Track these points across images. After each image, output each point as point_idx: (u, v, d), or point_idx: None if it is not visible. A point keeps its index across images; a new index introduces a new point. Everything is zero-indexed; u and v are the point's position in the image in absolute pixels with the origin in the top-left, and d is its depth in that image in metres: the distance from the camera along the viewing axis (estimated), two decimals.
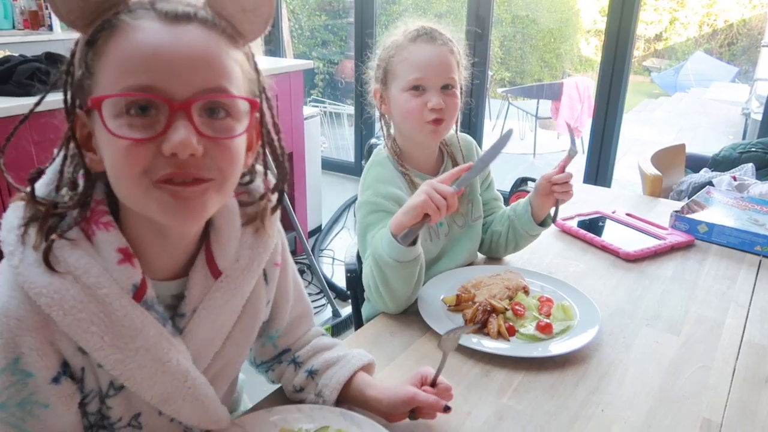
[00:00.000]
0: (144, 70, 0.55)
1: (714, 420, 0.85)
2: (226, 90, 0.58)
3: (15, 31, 3.74)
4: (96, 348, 0.60)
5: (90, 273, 0.60)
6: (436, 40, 1.12)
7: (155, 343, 0.63)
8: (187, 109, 0.56)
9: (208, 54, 0.57)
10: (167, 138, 0.55)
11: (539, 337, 1.01)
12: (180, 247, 0.68)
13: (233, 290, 0.70)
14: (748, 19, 7.79)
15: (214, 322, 0.70)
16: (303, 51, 6.38)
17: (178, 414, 0.68)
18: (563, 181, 1.17)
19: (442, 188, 0.94)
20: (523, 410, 0.86)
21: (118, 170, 0.57)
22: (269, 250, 0.75)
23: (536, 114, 5.50)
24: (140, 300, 0.63)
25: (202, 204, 0.60)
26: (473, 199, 1.27)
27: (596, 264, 1.33)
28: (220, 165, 0.59)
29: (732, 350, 1.02)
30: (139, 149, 0.56)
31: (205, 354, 0.72)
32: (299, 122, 2.94)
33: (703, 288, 1.24)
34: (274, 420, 0.78)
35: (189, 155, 0.56)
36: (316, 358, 0.86)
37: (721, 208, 1.57)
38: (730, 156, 2.52)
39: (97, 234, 0.61)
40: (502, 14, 7.17)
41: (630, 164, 4.66)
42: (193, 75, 0.56)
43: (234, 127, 0.60)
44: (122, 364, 0.62)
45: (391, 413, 0.80)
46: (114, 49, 0.56)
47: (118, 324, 0.61)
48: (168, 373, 0.65)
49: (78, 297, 0.59)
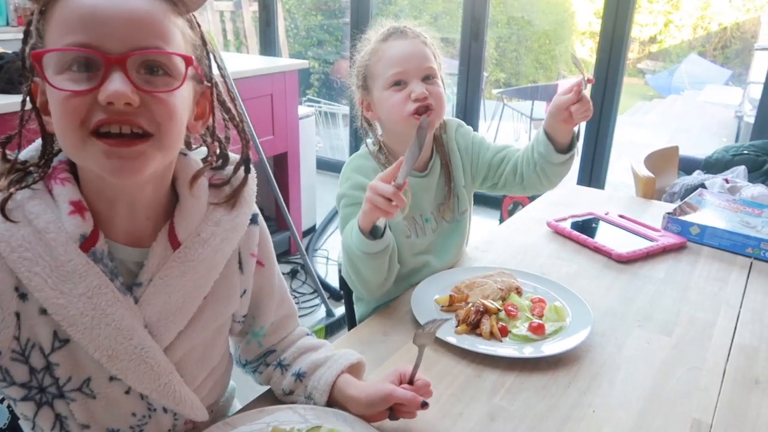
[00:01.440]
0: (82, 28, 0.58)
1: (704, 421, 0.85)
2: (161, 48, 0.61)
3: (9, 27, 3.72)
4: (39, 288, 0.63)
5: (41, 218, 0.64)
6: (408, 35, 1.13)
7: (98, 293, 0.65)
8: (122, 63, 0.59)
9: (145, 14, 0.61)
10: (103, 88, 0.58)
11: (532, 337, 1.01)
12: (136, 209, 0.69)
13: (190, 263, 0.71)
14: (742, 22, 7.84)
15: (170, 294, 0.70)
16: (298, 51, 6.37)
17: (125, 375, 0.68)
18: (582, 106, 1.12)
19: (382, 189, 0.93)
20: (515, 411, 0.86)
21: (60, 122, 0.61)
22: (238, 230, 0.76)
23: (531, 115, 5.51)
24: (87, 251, 0.66)
25: (140, 161, 0.62)
26: (458, 193, 1.28)
27: (589, 265, 1.34)
28: (157, 118, 0.62)
29: (723, 351, 1.02)
30: (77, 99, 0.59)
31: (165, 329, 0.71)
32: (294, 122, 2.94)
33: (695, 289, 1.24)
34: (266, 420, 0.78)
35: (125, 104, 0.59)
36: (303, 360, 0.86)
37: (713, 211, 1.58)
38: (723, 158, 2.54)
39: (55, 188, 0.66)
40: (497, 15, 7.18)
41: (623, 166, 4.67)
42: (129, 33, 0.60)
43: (172, 83, 0.63)
44: (65, 309, 0.64)
45: (369, 412, 0.79)
46: (57, 12, 0.60)
47: (62, 269, 0.64)
48: (111, 326, 0.66)
49: (27, 238, 0.63)
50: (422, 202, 1.21)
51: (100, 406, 0.71)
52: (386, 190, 0.93)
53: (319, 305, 2.60)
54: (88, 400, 0.70)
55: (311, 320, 2.49)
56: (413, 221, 1.20)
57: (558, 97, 1.16)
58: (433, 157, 1.25)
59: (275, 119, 2.80)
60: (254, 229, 0.80)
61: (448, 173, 1.25)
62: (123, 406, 0.72)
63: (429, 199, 1.23)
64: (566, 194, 1.81)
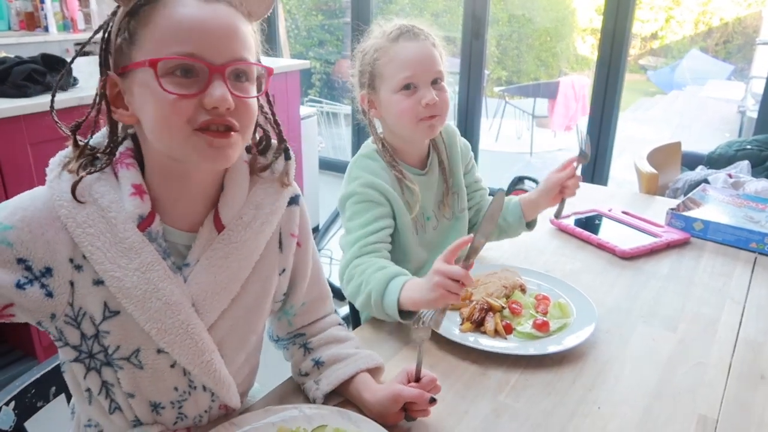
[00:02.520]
0: (189, 39, 0.66)
1: (710, 416, 0.85)
2: (247, 59, 0.71)
3: (11, 32, 3.74)
4: (99, 261, 0.70)
5: (105, 198, 0.71)
6: (419, 36, 1.12)
7: (150, 269, 0.72)
8: (222, 72, 0.67)
9: (237, 29, 0.70)
10: (208, 94, 0.67)
11: (536, 335, 1.01)
12: (197, 198, 0.77)
13: (233, 244, 0.77)
14: (744, 17, 7.81)
15: (215, 274, 0.76)
16: (300, 51, 6.37)
17: (172, 349, 0.73)
18: (576, 180, 1.19)
19: (454, 272, 0.85)
20: (520, 408, 0.86)
21: (165, 120, 0.68)
22: (277, 213, 0.82)
23: (533, 113, 5.50)
24: (143, 230, 0.72)
25: (230, 150, 0.71)
26: (458, 191, 1.28)
27: (592, 262, 1.34)
28: (243, 119, 0.71)
29: (728, 347, 1.02)
30: (184, 102, 0.67)
31: (209, 307, 0.76)
32: (296, 122, 2.94)
33: (699, 285, 1.24)
34: (272, 419, 0.79)
35: (225, 108, 0.67)
36: (326, 349, 0.89)
37: (716, 206, 1.58)
38: (726, 153, 2.53)
39: (120, 171, 0.73)
40: (498, 13, 7.17)
41: (626, 162, 4.67)
42: (227, 45, 0.68)
43: (251, 89, 0.73)
44: (120, 281, 0.70)
45: (383, 414, 0.80)
46: (161, 19, 0.67)
47: (120, 245, 0.71)
48: (162, 301, 0.72)
49: (91, 215, 0.70)
50: (424, 200, 1.21)
51: (146, 377, 0.76)
52: (458, 273, 0.85)
53: None
54: (136, 370, 0.75)
55: None
56: (415, 219, 1.20)
57: (553, 174, 1.21)
58: (430, 156, 1.25)
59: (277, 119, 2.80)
60: (295, 210, 0.86)
61: (445, 171, 1.26)
62: (167, 380, 0.77)
63: (430, 196, 1.24)
64: None
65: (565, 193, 1.20)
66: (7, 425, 0.87)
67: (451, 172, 1.27)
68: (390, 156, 1.18)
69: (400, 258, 1.20)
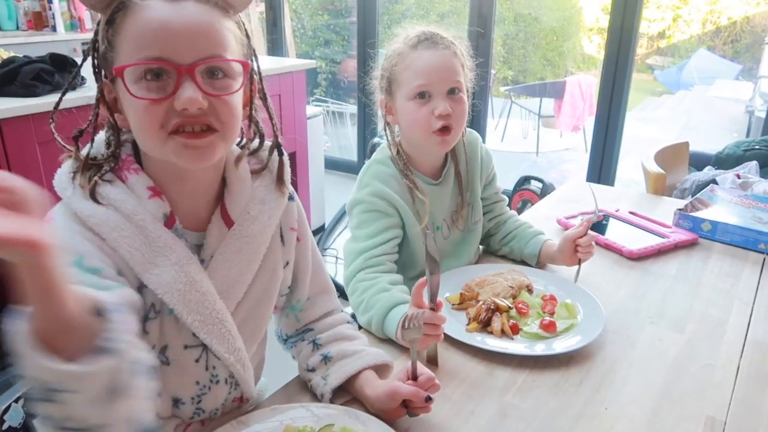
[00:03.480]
0: (154, 42, 0.66)
1: (718, 418, 0.85)
2: (221, 56, 0.69)
3: (19, 32, 3.76)
4: (138, 262, 0.71)
5: (126, 204, 0.72)
6: (438, 45, 1.10)
7: (187, 262, 0.74)
8: (191, 73, 0.67)
9: (205, 26, 0.68)
10: (177, 96, 0.66)
11: (543, 335, 1.01)
12: (198, 195, 0.78)
13: (244, 238, 0.79)
14: (752, 16, 7.76)
15: (230, 268, 0.78)
16: (306, 51, 6.39)
17: (210, 340, 0.76)
18: (587, 243, 1.18)
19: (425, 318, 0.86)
20: (527, 408, 0.86)
21: (141, 125, 0.69)
22: (280, 207, 0.84)
23: (539, 112, 5.49)
24: (171, 227, 0.74)
25: (209, 150, 0.70)
26: (473, 203, 1.27)
27: (600, 262, 1.33)
28: (221, 116, 0.70)
29: (736, 348, 1.02)
30: (155, 107, 0.67)
31: (227, 300, 0.78)
32: (302, 121, 2.95)
33: (707, 286, 1.24)
34: (279, 418, 0.79)
35: (197, 109, 0.67)
36: (335, 346, 0.90)
37: (724, 206, 1.57)
38: (734, 154, 2.51)
39: (129, 177, 0.74)
40: (504, 13, 7.16)
41: (633, 162, 4.64)
42: (195, 45, 0.67)
43: (231, 85, 0.71)
44: (160, 278, 0.72)
45: (384, 410, 0.81)
46: (129, 26, 0.67)
47: (155, 244, 0.72)
48: (200, 293, 0.74)
49: (120, 221, 0.71)
50: (434, 210, 1.20)
51: (172, 373, 0.77)
52: (428, 318, 0.85)
53: None
54: (162, 366, 0.76)
55: None
56: (424, 227, 1.19)
57: (568, 232, 1.21)
58: (447, 166, 1.23)
59: (283, 119, 2.80)
60: (292, 205, 0.88)
61: (461, 182, 1.25)
62: (191, 374, 0.78)
63: (441, 207, 1.22)
64: (576, 191, 1.80)
65: (579, 253, 1.19)
66: (16, 422, 0.88)
67: (468, 184, 1.26)
68: (403, 164, 1.17)
69: (409, 264, 1.20)
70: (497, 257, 1.35)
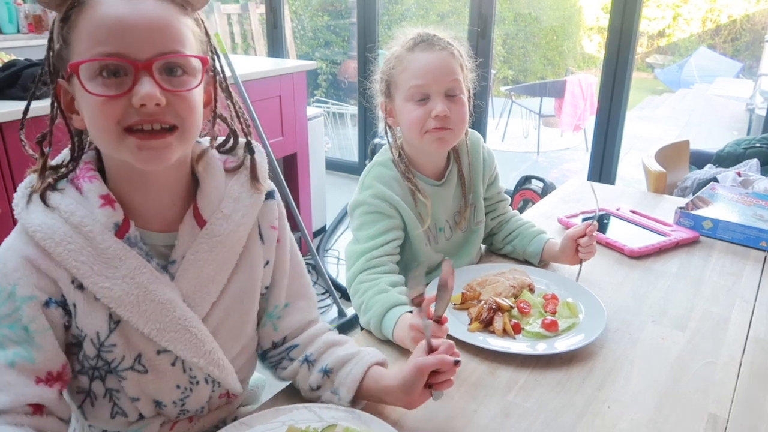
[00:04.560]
0: (110, 38, 0.65)
1: (720, 415, 0.85)
2: (180, 51, 0.68)
3: (20, 35, 3.76)
4: (86, 275, 0.70)
5: (76, 214, 0.71)
6: (435, 46, 1.10)
7: (138, 273, 0.72)
8: (148, 69, 0.66)
9: (163, 22, 0.67)
10: (135, 92, 0.65)
11: (545, 334, 1.01)
12: (164, 196, 0.77)
13: (218, 237, 0.78)
14: (752, 14, 7.76)
15: (201, 268, 0.77)
16: (306, 52, 6.39)
17: (174, 346, 0.75)
18: (588, 243, 1.18)
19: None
20: (529, 407, 0.86)
21: (96, 122, 0.68)
22: (255, 204, 0.82)
23: (539, 112, 5.49)
24: (122, 237, 0.72)
25: (166, 150, 0.69)
26: (476, 204, 1.27)
27: (601, 261, 1.33)
28: (180, 114, 0.69)
29: (738, 346, 1.02)
30: (112, 103, 0.66)
31: (200, 300, 0.77)
32: (303, 123, 2.95)
33: (709, 284, 1.24)
34: (282, 419, 0.79)
35: (154, 105, 0.66)
36: (329, 355, 0.86)
37: (725, 204, 1.57)
38: (735, 152, 2.51)
39: (84, 185, 0.73)
40: (504, 12, 7.16)
41: (634, 161, 4.65)
42: (152, 40, 0.66)
43: (190, 81, 0.70)
44: (111, 291, 0.71)
45: (409, 393, 0.78)
46: (84, 22, 0.66)
47: (104, 256, 0.71)
48: (155, 302, 0.73)
49: (68, 233, 0.70)
50: (436, 211, 1.20)
51: (150, 380, 0.76)
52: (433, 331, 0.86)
53: (331, 305, 2.61)
54: (140, 375, 0.76)
55: (323, 320, 2.49)
56: (427, 231, 1.19)
57: (569, 231, 1.22)
58: (450, 167, 1.23)
59: (284, 120, 2.81)
60: (272, 203, 0.86)
61: (464, 184, 1.25)
62: (169, 379, 0.78)
63: (444, 208, 1.22)
64: (577, 190, 1.81)
65: (580, 252, 1.19)
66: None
67: (471, 186, 1.26)
68: (405, 166, 1.17)
69: (410, 264, 1.20)
70: (499, 256, 1.35)
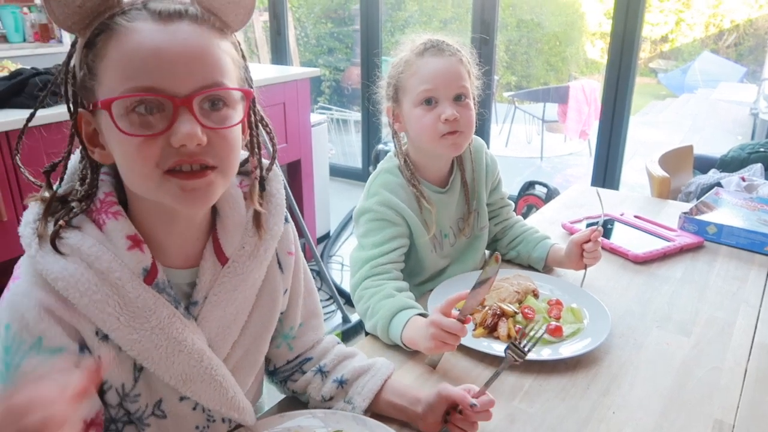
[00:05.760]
0: (146, 71, 0.59)
1: (726, 421, 0.85)
2: (221, 84, 0.62)
3: (26, 44, 3.79)
4: (113, 328, 0.64)
5: (101, 259, 0.64)
6: (444, 52, 1.11)
7: (169, 323, 0.67)
8: (189, 105, 0.60)
9: (203, 50, 0.61)
10: (175, 131, 0.59)
11: (549, 340, 1.01)
12: (189, 233, 0.71)
13: (241, 276, 0.73)
14: (755, 18, 7.76)
15: (225, 309, 0.73)
16: (309, 59, 6.42)
17: (198, 396, 0.71)
18: (593, 248, 1.18)
19: (450, 326, 0.88)
20: (534, 413, 0.86)
21: (134, 166, 0.62)
22: (276, 236, 0.77)
23: (543, 117, 5.49)
24: (151, 283, 0.67)
25: (208, 191, 0.64)
26: (479, 210, 1.27)
27: (605, 266, 1.33)
28: (220, 153, 0.63)
29: (743, 351, 1.02)
30: (149, 144, 0.60)
31: (222, 342, 0.74)
32: (306, 129, 2.96)
33: (713, 289, 1.23)
34: (287, 425, 0.79)
35: (196, 145, 0.60)
36: (344, 367, 0.86)
37: (730, 209, 1.57)
38: (739, 156, 2.51)
39: (107, 223, 0.66)
40: (507, 19, 7.17)
41: (638, 166, 4.64)
42: (192, 72, 0.60)
43: (231, 115, 0.64)
44: (139, 344, 0.66)
45: (428, 416, 0.79)
46: (114, 52, 0.60)
47: (132, 305, 0.65)
48: (184, 353, 0.68)
49: (92, 281, 0.63)
50: (441, 218, 1.20)
51: (170, 424, 0.74)
52: (454, 327, 0.88)
53: (335, 311, 2.61)
54: (159, 420, 0.73)
55: (327, 326, 2.49)
56: (432, 237, 1.20)
57: (574, 237, 1.22)
58: (453, 174, 1.23)
59: (288, 127, 2.82)
60: (288, 228, 0.82)
61: (467, 191, 1.25)
62: (189, 422, 0.75)
63: (448, 215, 1.23)
64: (581, 195, 1.81)
65: (585, 258, 1.19)
66: None
67: (474, 192, 1.26)
68: (410, 173, 1.17)
69: (416, 269, 1.20)
70: (503, 261, 1.35)
